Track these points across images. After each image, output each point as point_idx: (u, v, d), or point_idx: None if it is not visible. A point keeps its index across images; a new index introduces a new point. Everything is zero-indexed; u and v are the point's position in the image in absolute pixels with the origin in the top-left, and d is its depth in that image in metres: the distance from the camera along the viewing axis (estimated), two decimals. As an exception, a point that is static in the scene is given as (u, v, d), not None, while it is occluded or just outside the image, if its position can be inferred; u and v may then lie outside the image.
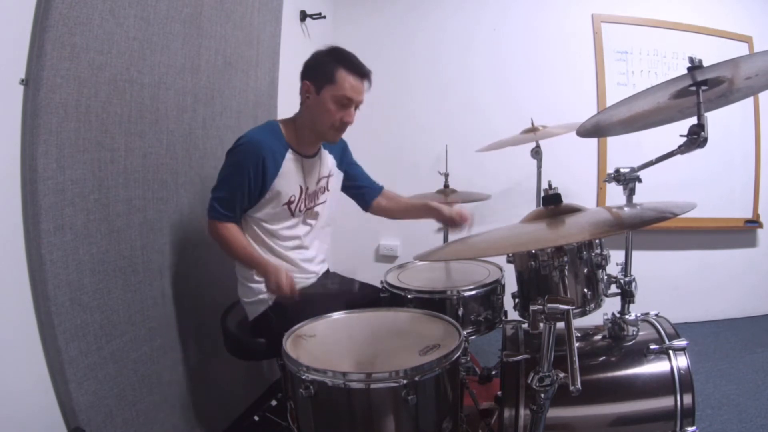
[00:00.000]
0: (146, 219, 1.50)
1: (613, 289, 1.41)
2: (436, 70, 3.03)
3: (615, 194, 2.73)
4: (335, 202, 1.75)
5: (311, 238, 1.64)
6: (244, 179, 1.44)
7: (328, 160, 1.69)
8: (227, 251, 1.49)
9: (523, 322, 1.43)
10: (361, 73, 1.50)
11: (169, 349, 1.61)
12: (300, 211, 1.57)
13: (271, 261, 1.48)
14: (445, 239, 2.23)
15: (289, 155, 1.52)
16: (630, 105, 1.21)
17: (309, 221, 1.63)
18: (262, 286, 1.52)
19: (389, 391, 1.03)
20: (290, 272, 1.45)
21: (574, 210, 1.13)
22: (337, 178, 1.73)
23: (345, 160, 1.76)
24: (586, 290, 1.34)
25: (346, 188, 1.80)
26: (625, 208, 1.23)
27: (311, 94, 1.50)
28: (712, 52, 2.75)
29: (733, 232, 3.03)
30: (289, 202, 1.53)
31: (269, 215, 1.52)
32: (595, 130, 1.45)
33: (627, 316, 1.34)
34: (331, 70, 1.46)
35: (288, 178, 1.51)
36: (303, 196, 1.57)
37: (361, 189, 1.81)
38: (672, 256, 3.03)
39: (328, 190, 1.68)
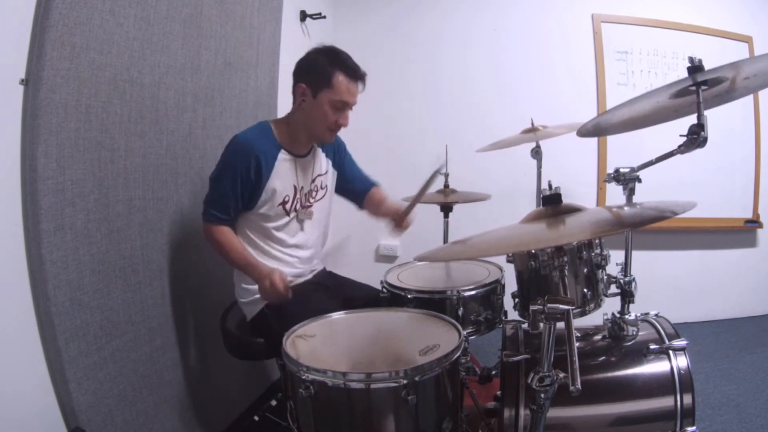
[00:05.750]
0: (146, 219, 1.50)
1: (613, 289, 1.41)
2: (436, 70, 3.02)
3: (615, 194, 2.72)
4: (331, 200, 1.75)
5: (306, 237, 1.64)
6: (236, 181, 1.44)
7: (322, 158, 1.69)
8: (221, 255, 1.50)
9: (523, 322, 1.43)
10: (357, 75, 1.50)
11: (169, 349, 1.61)
12: (295, 210, 1.57)
13: (263, 264, 1.49)
14: (445, 240, 2.23)
15: (282, 155, 1.53)
16: (631, 106, 1.21)
17: (305, 220, 1.63)
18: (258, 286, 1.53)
19: (389, 391, 1.03)
20: (283, 273, 1.44)
21: (574, 210, 1.13)
22: (332, 175, 1.73)
23: (339, 159, 1.75)
24: (586, 290, 1.34)
25: (339, 189, 1.79)
26: (625, 208, 1.23)
27: (307, 97, 1.50)
28: (712, 52, 2.76)
29: (733, 232, 3.02)
30: (284, 202, 1.53)
31: (265, 215, 1.52)
32: (595, 130, 1.45)
33: (627, 316, 1.34)
34: (327, 74, 1.46)
35: (281, 178, 1.51)
36: (298, 196, 1.57)
37: (353, 190, 1.80)
38: (672, 256, 3.02)
39: (323, 189, 1.68)
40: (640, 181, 1.37)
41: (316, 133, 1.55)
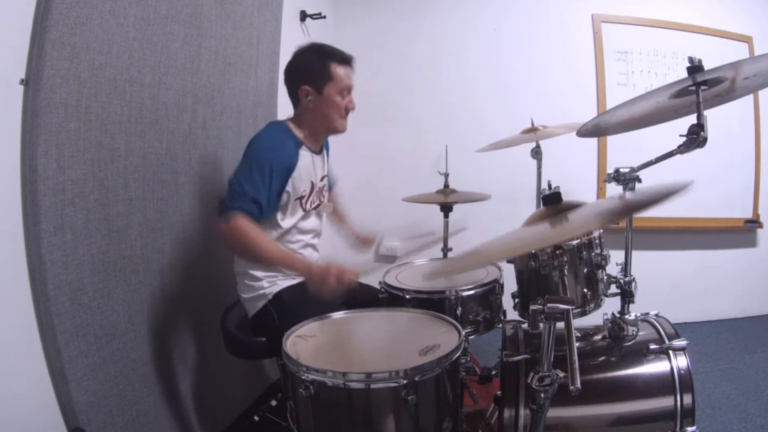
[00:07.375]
0: (146, 219, 1.50)
1: (613, 289, 1.41)
2: (436, 70, 3.02)
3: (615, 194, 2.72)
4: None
5: (317, 234, 1.66)
6: (266, 176, 1.42)
7: (326, 158, 1.71)
8: (253, 250, 1.38)
9: (523, 322, 1.43)
10: (348, 60, 1.58)
11: (169, 349, 1.61)
12: (311, 206, 1.59)
13: (307, 258, 1.49)
14: (445, 240, 2.23)
15: (303, 152, 1.55)
16: (631, 106, 1.21)
17: (316, 216, 1.64)
18: (263, 283, 1.53)
19: (389, 391, 1.03)
20: (338, 263, 1.35)
21: (574, 206, 1.12)
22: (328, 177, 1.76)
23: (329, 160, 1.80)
24: (586, 290, 1.34)
25: None
26: (626, 194, 1.22)
27: (313, 95, 1.53)
28: (712, 52, 2.76)
29: (733, 232, 3.03)
30: (301, 197, 1.55)
31: (283, 211, 1.53)
32: (595, 130, 1.46)
33: (627, 316, 1.34)
34: (325, 69, 1.52)
35: (302, 173, 1.54)
36: (313, 191, 1.59)
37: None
38: (672, 256, 3.03)
39: (328, 190, 1.71)
40: (640, 181, 1.37)
41: (331, 125, 1.58)
